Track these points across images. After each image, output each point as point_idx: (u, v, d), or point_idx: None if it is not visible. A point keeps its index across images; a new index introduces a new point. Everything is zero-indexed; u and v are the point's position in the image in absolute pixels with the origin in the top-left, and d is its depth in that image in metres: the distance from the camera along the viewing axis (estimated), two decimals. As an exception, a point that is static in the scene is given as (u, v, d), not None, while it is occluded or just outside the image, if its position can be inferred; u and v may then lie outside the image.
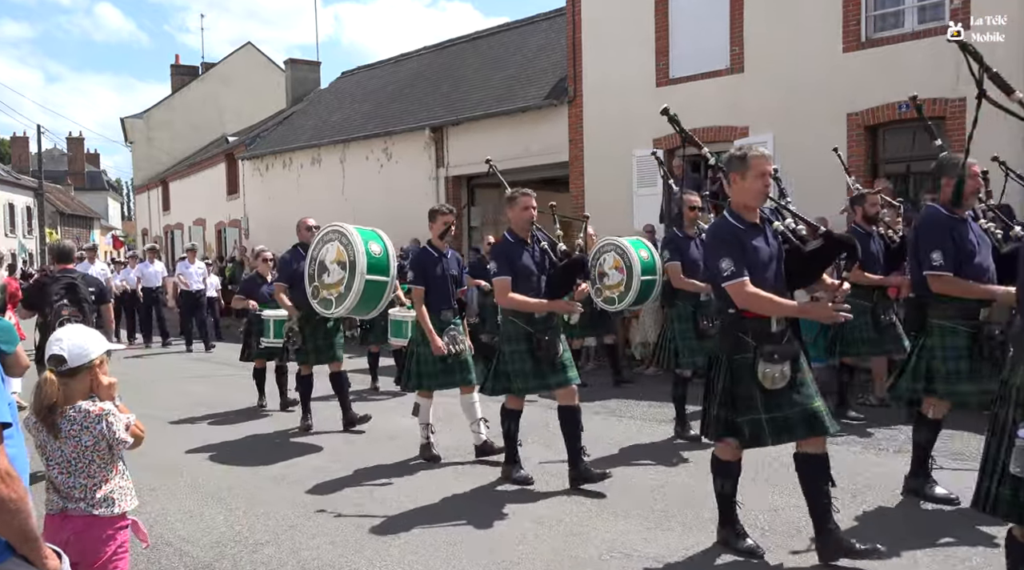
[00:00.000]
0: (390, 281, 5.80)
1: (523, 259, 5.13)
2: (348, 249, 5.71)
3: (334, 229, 5.93)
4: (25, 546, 1.84)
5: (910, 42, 9.36)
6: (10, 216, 39.74)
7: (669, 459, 5.80)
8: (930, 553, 3.88)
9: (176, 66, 36.44)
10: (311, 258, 6.07)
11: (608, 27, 12.24)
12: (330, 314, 6.00)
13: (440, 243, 6.01)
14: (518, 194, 5.27)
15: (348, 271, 5.67)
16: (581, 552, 4.06)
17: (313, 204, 18.60)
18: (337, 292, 5.78)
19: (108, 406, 2.68)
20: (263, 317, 7.89)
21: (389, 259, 5.82)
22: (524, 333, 5.04)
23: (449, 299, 5.96)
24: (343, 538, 4.36)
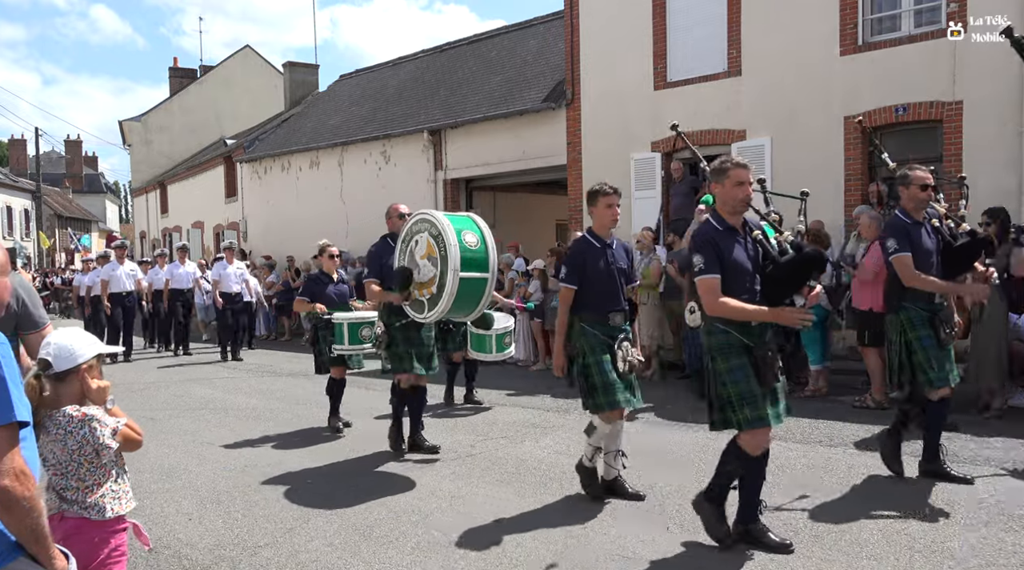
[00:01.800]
0: (490, 278, 5.08)
1: (736, 252, 3.91)
2: (438, 241, 5.01)
3: (423, 218, 5.21)
4: (35, 545, 1.85)
5: (907, 46, 9.40)
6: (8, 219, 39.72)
7: (667, 462, 5.81)
8: (925, 554, 3.90)
9: (174, 69, 36.45)
10: (400, 252, 5.45)
11: (606, 30, 12.27)
12: (423, 318, 5.30)
13: (604, 231, 4.86)
14: (729, 165, 3.96)
15: (440, 268, 4.99)
16: (580, 555, 4.07)
17: (311, 207, 18.67)
18: (430, 292, 5.11)
19: (93, 411, 2.65)
20: (334, 321, 6.90)
21: (488, 251, 5.07)
22: (740, 346, 3.90)
23: (618, 299, 4.81)
24: (341, 541, 4.37)
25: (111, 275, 13.37)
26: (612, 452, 4.91)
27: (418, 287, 5.22)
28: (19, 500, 1.79)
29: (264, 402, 8.93)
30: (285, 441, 6.95)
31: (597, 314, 4.74)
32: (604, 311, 4.75)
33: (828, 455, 5.77)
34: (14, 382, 1.86)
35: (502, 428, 7.09)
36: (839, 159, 9.87)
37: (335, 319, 6.90)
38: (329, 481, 5.59)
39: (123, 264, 13.66)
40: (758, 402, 3.84)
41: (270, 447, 6.70)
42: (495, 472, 5.66)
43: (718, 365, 3.94)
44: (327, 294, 7.32)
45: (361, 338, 6.72)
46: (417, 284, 5.22)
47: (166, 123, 33.54)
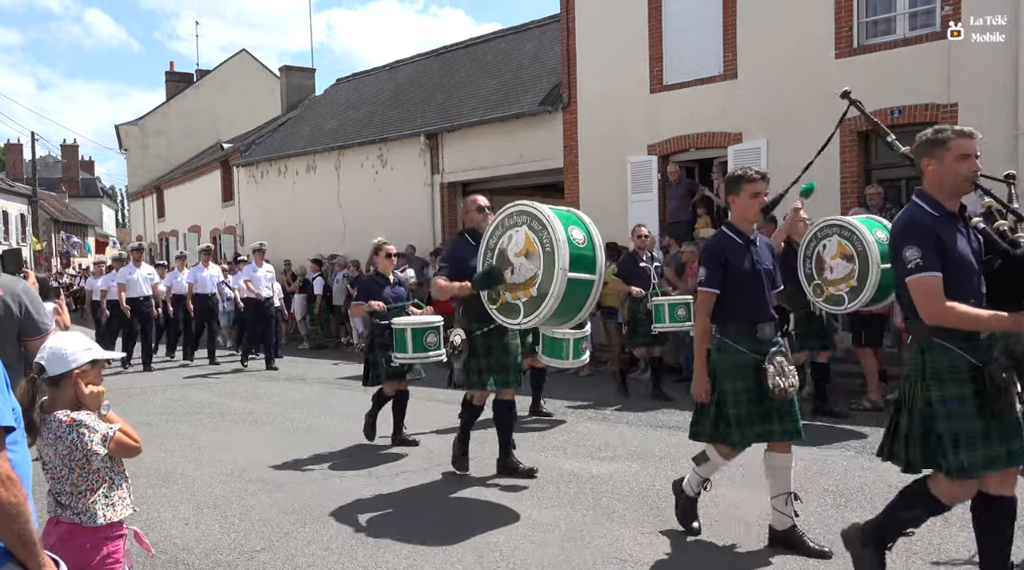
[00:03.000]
0: (596, 279, 4.55)
1: (959, 245, 3.11)
2: (542, 237, 4.49)
3: (521, 210, 4.66)
4: (23, 552, 1.84)
5: (902, 48, 9.43)
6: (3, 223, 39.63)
7: (663, 464, 5.81)
8: (922, 556, 3.90)
9: (171, 73, 36.44)
10: (486, 249, 4.87)
11: (602, 34, 12.30)
12: (517, 325, 4.72)
13: (746, 225, 4.07)
14: (950, 134, 3.13)
15: (543, 267, 4.46)
16: (576, 558, 4.07)
17: (308, 211, 18.66)
18: (527, 295, 4.57)
19: (82, 416, 2.65)
20: (394, 326, 6.19)
21: (595, 249, 4.58)
22: (969, 369, 3.05)
23: (767, 306, 4.03)
24: (338, 545, 4.36)
25: (128, 279, 12.51)
26: (781, 496, 3.98)
27: (510, 289, 4.65)
28: (4, 506, 1.78)
29: (261, 406, 8.92)
30: (282, 445, 6.94)
31: (743, 325, 3.97)
32: (751, 321, 3.97)
33: (824, 457, 5.77)
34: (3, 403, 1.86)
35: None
36: (835, 162, 9.89)
37: (396, 324, 6.18)
38: (325, 485, 5.58)
39: (140, 267, 12.80)
40: (978, 443, 2.99)
41: (267, 451, 6.69)
42: (492, 476, 5.66)
43: (931, 394, 3.09)
44: (384, 297, 6.75)
45: (426, 345, 6.06)
46: (509, 285, 4.66)
47: (163, 127, 33.50)
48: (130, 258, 12.89)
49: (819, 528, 4.31)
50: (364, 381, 6.88)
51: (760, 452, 4.14)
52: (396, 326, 6.16)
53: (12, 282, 3.63)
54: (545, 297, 4.43)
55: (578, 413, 7.84)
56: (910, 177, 9.96)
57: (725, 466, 4.28)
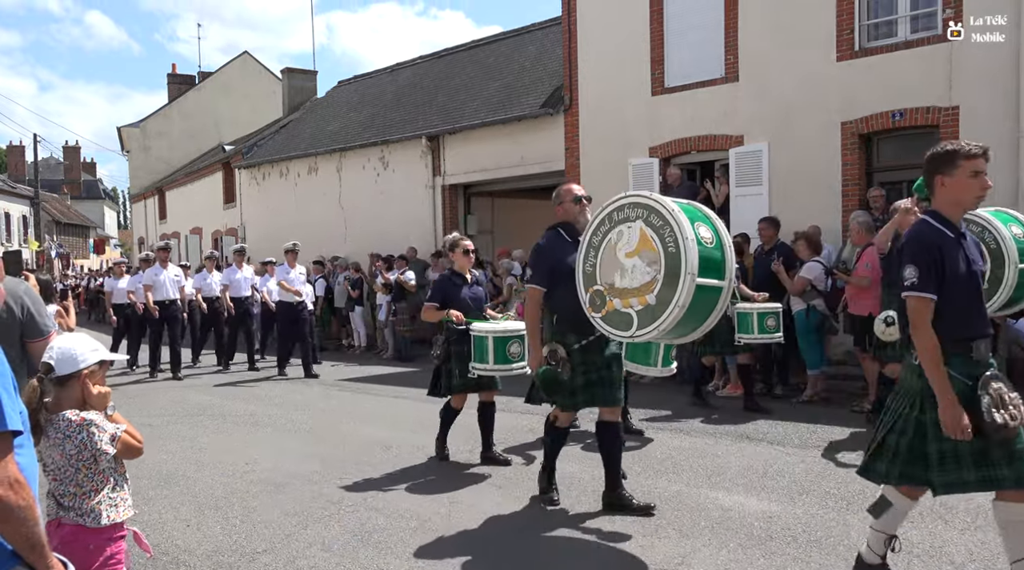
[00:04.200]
0: (726, 285, 3.96)
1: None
2: (663, 234, 3.88)
3: (636, 202, 4.07)
4: (32, 554, 1.85)
5: (903, 51, 9.43)
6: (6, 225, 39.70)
7: (663, 467, 5.81)
8: (923, 559, 3.90)
9: (173, 75, 36.53)
10: (587, 247, 4.29)
11: (604, 36, 12.31)
12: (629, 337, 4.09)
13: (957, 213, 3.21)
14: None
15: (664, 270, 3.85)
16: (578, 560, 4.07)
17: (310, 213, 18.68)
18: (642, 303, 3.95)
19: (92, 416, 2.66)
20: (474, 334, 5.58)
21: (725, 250, 3.97)
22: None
23: (985, 318, 3.21)
24: (339, 547, 4.36)
25: (154, 280, 11.68)
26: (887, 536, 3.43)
27: (620, 295, 4.06)
28: (13, 509, 1.78)
29: (262, 408, 8.93)
30: (283, 447, 6.94)
31: (954, 342, 3.08)
32: (966, 337, 3.11)
33: (826, 460, 5.77)
34: (6, 390, 1.86)
35: (501, 434, 7.07)
36: (836, 164, 9.89)
37: (476, 331, 5.56)
38: (326, 487, 5.58)
39: (167, 268, 11.94)
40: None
41: (268, 453, 6.70)
42: (495, 478, 5.66)
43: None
44: (462, 299, 5.96)
45: (509, 356, 5.46)
46: (617, 290, 4.08)
47: (165, 129, 33.57)
48: (156, 259, 12.03)
49: (820, 531, 4.31)
50: (431, 391, 6.23)
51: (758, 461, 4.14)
52: (476, 333, 5.54)
53: (14, 284, 3.64)
54: (668, 306, 3.82)
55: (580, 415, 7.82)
56: (912, 180, 9.94)
57: (904, 509, 3.40)
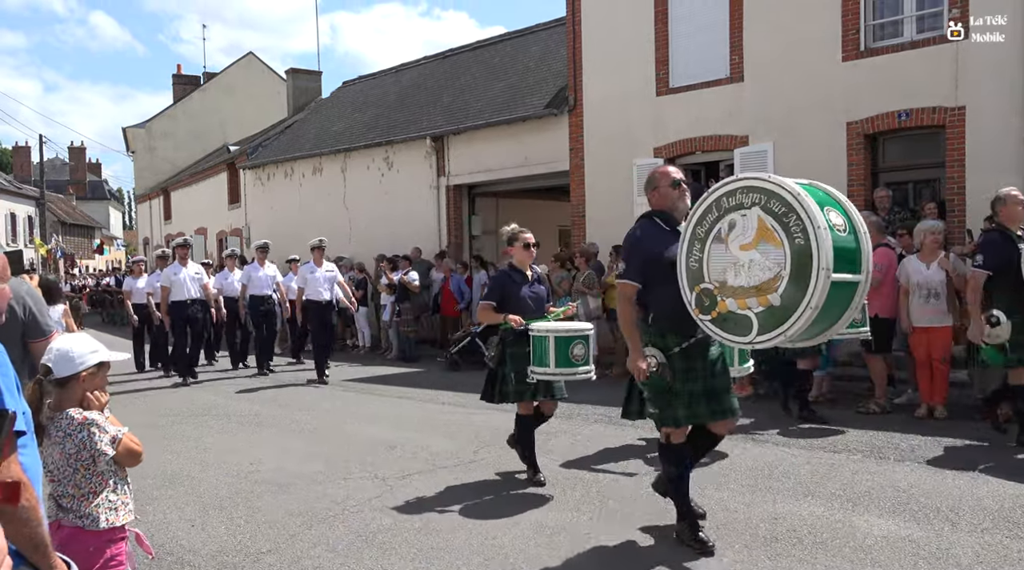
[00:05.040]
0: (863, 280, 3.46)
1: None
2: (788, 222, 3.37)
3: (751, 186, 3.55)
4: (35, 555, 1.85)
5: (909, 51, 9.40)
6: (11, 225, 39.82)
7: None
8: (929, 561, 3.88)
9: (178, 76, 36.61)
10: (691, 240, 3.78)
11: (608, 37, 12.29)
12: (747, 343, 3.60)
13: None
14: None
15: (791, 264, 3.35)
16: (582, 560, 4.06)
17: (314, 213, 18.69)
18: (762, 303, 3.45)
19: (94, 415, 2.66)
20: (533, 333, 5.12)
21: (860, 238, 3.47)
22: None
23: None
24: (344, 547, 4.36)
25: (173, 279, 11.08)
26: None
27: (734, 294, 3.55)
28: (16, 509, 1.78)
29: (266, 408, 8.94)
30: (287, 447, 6.95)
31: None
32: None
33: (832, 461, 5.75)
34: (9, 391, 1.86)
35: (505, 434, 7.04)
36: (842, 165, 9.86)
37: (535, 331, 5.10)
38: (330, 487, 5.58)
39: (187, 266, 11.25)
40: None
41: (273, 453, 6.70)
42: (498, 478, 5.66)
43: None
44: (522, 298, 5.42)
45: (573, 359, 5.01)
46: (731, 289, 3.57)
47: (170, 130, 33.64)
48: (175, 256, 11.38)
49: (827, 533, 4.29)
50: (484, 395, 5.60)
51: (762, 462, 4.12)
52: (536, 333, 5.08)
53: (16, 284, 3.65)
54: (797, 308, 3.30)
55: (584, 415, 7.83)
56: (917, 180, 9.93)
57: None
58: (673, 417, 4.01)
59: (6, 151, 56.65)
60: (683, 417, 4.00)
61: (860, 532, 4.27)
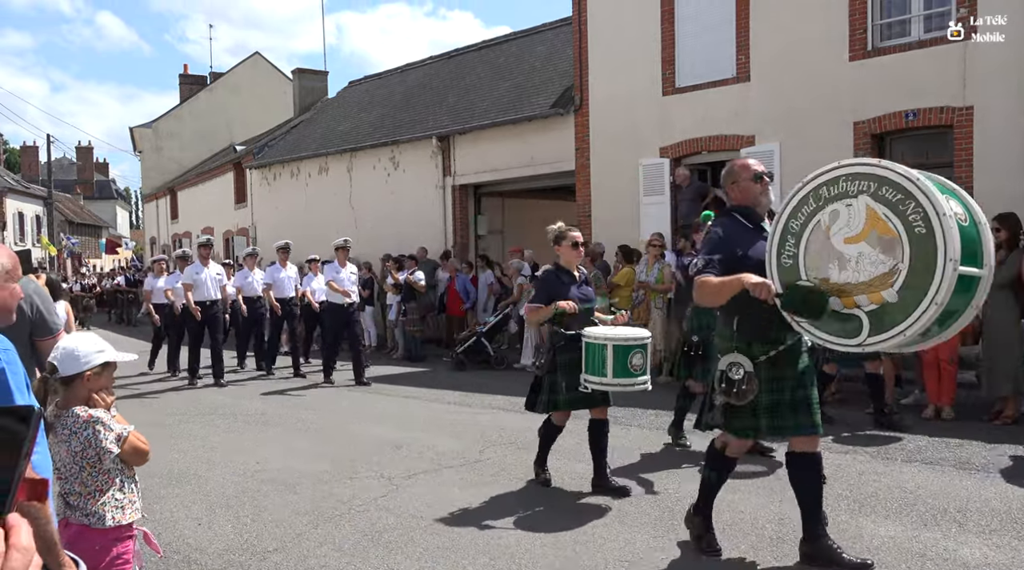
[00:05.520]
0: (986, 276, 3.17)
1: None
2: (905, 211, 3.07)
3: (859, 171, 3.26)
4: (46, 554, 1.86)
5: (916, 51, 9.37)
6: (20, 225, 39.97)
7: (675, 468, 5.79)
8: (937, 562, 3.87)
9: (184, 76, 36.75)
10: (783, 235, 3.47)
11: (614, 36, 12.29)
12: (857, 347, 3.25)
13: None
14: None
15: (909, 257, 3.04)
16: (587, 560, 4.06)
17: (320, 213, 18.73)
18: (875, 301, 3.13)
19: (100, 413, 2.67)
20: (587, 340, 4.83)
21: (980, 230, 3.17)
22: None
23: None
24: (350, 546, 4.37)
25: (195, 278, 10.81)
26: None
27: (840, 292, 3.23)
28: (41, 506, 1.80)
29: (273, 407, 8.96)
30: (294, 447, 6.96)
31: None
32: None
33: (838, 462, 5.74)
34: (19, 389, 1.87)
35: (511, 434, 7.09)
36: (848, 164, 9.84)
37: (591, 338, 4.80)
38: (337, 487, 5.59)
39: (208, 266, 11.06)
40: None
41: (279, 452, 6.72)
42: (504, 478, 5.66)
43: None
44: (570, 299, 5.14)
45: (632, 369, 4.71)
46: (836, 287, 3.24)
47: (176, 129, 33.76)
48: (196, 256, 11.18)
49: (834, 533, 4.27)
50: (529, 405, 5.33)
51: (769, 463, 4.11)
52: (591, 340, 4.77)
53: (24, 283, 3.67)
54: (919, 304, 3.00)
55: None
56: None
57: None
58: (753, 428, 3.72)
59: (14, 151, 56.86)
60: (765, 428, 3.72)
61: (867, 533, 4.25)
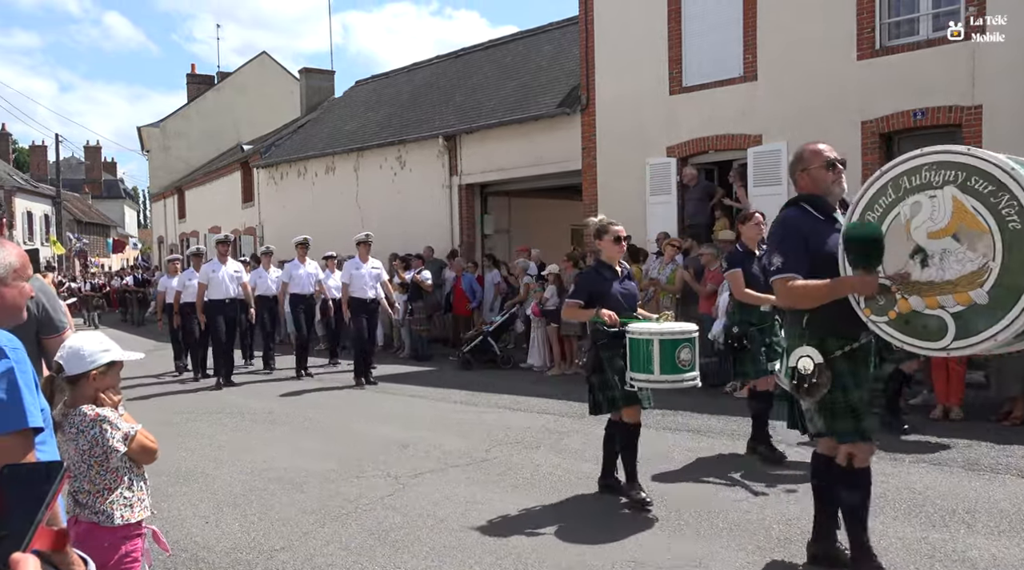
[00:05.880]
0: None
1: None
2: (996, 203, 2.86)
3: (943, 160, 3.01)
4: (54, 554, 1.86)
5: (925, 49, 9.33)
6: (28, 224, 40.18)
7: (683, 467, 5.78)
8: (945, 564, 3.85)
9: (192, 75, 36.85)
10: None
11: (621, 36, 12.27)
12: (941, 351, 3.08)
13: None
14: None
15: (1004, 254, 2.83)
16: (596, 560, 4.05)
17: (327, 212, 18.77)
18: (962, 301, 2.94)
19: (106, 412, 2.68)
20: (631, 336, 4.63)
21: None
22: None
23: None
24: (357, 545, 4.38)
25: (211, 277, 10.55)
26: None
27: (921, 291, 3.04)
28: None
29: (280, 406, 8.98)
30: (301, 445, 6.97)
31: None
32: None
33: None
34: (28, 387, 1.87)
35: (517, 433, 7.09)
36: (856, 164, 9.78)
37: (636, 333, 4.61)
38: (344, 485, 5.60)
39: (226, 264, 10.73)
40: None
41: (286, 451, 6.73)
42: (510, 477, 5.66)
43: None
44: (612, 295, 4.91)
45: (680, 364, 4.53)
46: (917, 285, 3.05)
47: (184, 129, 33.87)
48: (214, 253, 10.90)
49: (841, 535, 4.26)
50: (592, 409, 5.07)
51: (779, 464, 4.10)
52: (635, 336, 4.59)
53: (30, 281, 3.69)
54: (1013, 306, 2.80)
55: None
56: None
57: None
58: (857, 429, 3.41)
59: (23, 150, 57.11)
60: (868, 428, 3.44)
61: (876, 534, 4.23)
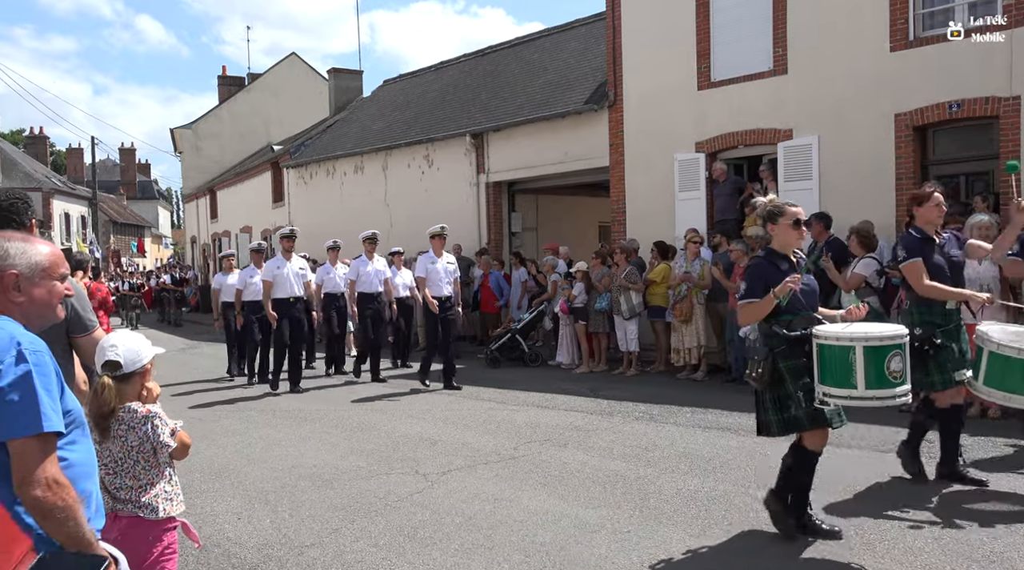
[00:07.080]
0: None
1: None
2: None
3: None
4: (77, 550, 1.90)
5: (960, 40, 9.13)
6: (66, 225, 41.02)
7: (711, 466, 5.73)
8: (983, 564, 3.77)
9: (223, 77, 37.34)
10: None
11: (648, 31, 12.18)
12: None
13: None
14: None
15: None
16: (623, 558, 4.03)
17: (356, 211, 18.90)
18: None
19: (156, 408, 2.76)
20: (821, 342, 3.80)
21: None
22: None
23: None
24: (386, 541, 4.40)
25: (275, 274, 9.77)
26: None
27: None
28: (52, 509, 1.82)
29: (309, 404, 9.07)
30: (331, 442, 7.04)
31: None
32: None
33: (881, 461, 5.62)
34: (47, 391, 1.88)
35: (545, 431, 7.08)
36: (890, 158, 9.62)
37: (828, 338, 3.77)
38: (373, 482, 5.63)
39: (291, 260, 9.91)
40: None
41: (316, 448, 6.79)
42: (539, 475, 5.66)
43: None
44: None
45: (890, 377, 3.68)
46: None
47: (215, 130, 34.32)
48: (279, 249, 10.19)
49: (875, 534, 4.20)
50: (762, 430, 4.12)
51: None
52: (827, 342, 3.75)
53: None
54: None
55: (624, 413, 7.78)
56: (969, 173, 9.65)
57: None
58: None
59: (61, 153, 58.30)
60: None
61: (911, 534, 4.17)
